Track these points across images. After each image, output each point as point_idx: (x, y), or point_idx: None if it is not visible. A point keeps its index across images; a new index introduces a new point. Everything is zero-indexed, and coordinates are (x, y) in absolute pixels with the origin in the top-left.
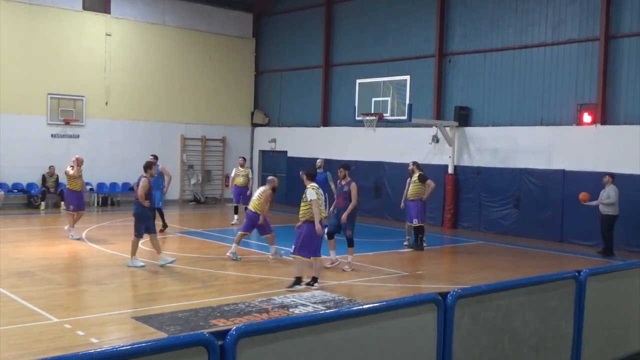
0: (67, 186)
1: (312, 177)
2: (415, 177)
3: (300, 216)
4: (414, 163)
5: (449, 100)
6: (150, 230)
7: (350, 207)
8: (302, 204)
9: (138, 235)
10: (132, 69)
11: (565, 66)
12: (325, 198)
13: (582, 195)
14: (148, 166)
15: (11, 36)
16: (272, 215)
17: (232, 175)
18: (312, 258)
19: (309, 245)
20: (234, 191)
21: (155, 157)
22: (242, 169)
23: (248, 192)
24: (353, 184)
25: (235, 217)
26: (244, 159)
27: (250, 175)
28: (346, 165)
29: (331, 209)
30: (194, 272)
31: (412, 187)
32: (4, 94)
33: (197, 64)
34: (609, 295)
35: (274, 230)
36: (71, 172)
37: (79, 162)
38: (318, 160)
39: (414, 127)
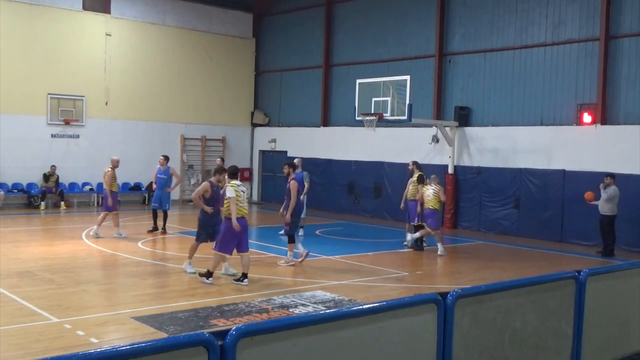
0: (109, 187)
1: (233, 175)
2: (415, 177)
3: (222, 213)
4: (414, 163)
5: (449, 100)
6: (212, 238)
7: (290, 205)
8: (224, 201)
9: (197, 240)
10: (132, 69)
11: (565, 66)
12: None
13: (588, 195)
14: (217, 171)
15: (11, 36)
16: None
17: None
18: (240, 254)
19: (229, 242)
20: None
21: (166, 158)
22: None
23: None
24: (292, 182)
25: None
26: (222, 159)
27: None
28: (291, 163)
29: (282, 208)
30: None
31: (412, 188)
32: (4, 94)
33: (197, 64)
34: (609, 295)
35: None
36: (110, 173)
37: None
38: (295, 160)
39: (414, 127)
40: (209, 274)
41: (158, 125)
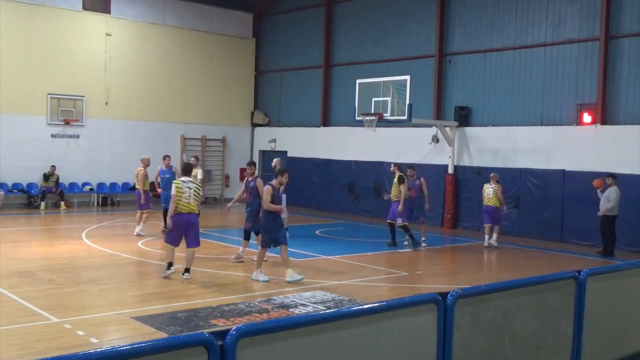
0: (141, 187)
1: (184, 172)
2: (395, 178)
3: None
4: (395, 164)
5: (449, 100)
6: (280, 241)
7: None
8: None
9: (262, 246)
10: (132, 69)
11: (565, 66)
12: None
13: (596, 182)
14: (280, 172)
15: (11, 36)
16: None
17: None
18: (187, 249)
19: (175, 236)
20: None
21: (197, 158)
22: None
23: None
24: (258, 180)
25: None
26: (197, 158)
27: (199, 176)
28: (252, 162)
29: (230, 204)
30: (194, 272)
31: (394, 189)
32: (4, 94)
33: (197, 64)
34: (609, 295)
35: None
36: (143, 172)
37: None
38: (274, 160)
39: (414, 127)
40: (169, 265)
41: (158, 125)
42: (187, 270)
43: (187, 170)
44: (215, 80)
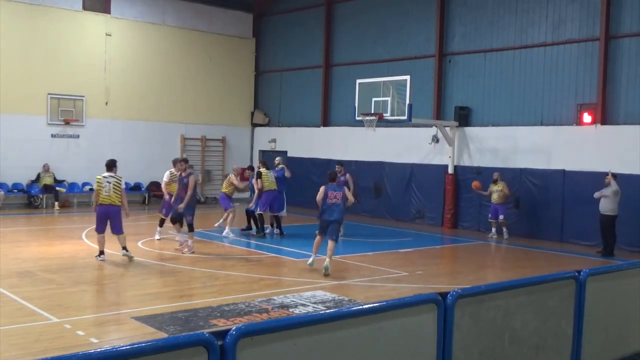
0: (226, 191)
1: (107, 168)
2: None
3: None
4: (260, 161)
5: (449, 100)
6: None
7: (186, 198)
8: None
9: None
10: (132, 69)
11: (565, 66)
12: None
13: (475, 184)
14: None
15: (11, 36)
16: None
17: (166, 180)
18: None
19: (98, 225)
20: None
21: (251, 168)
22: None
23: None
24: (191, 177)
25: (159, 229)
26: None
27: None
28: (185, 159)
29: (173, 200)
30: (194, 272)
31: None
32: (4, 94)
33: (197, 64)
34: (609, 295)
35: None
36: (236, 183)
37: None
38: (277, 159)
39: (414, 127)
40: (100, 253)
41: (158, 125)
42: (124, 248)
43: (109, 166)
44: (215, 80)
